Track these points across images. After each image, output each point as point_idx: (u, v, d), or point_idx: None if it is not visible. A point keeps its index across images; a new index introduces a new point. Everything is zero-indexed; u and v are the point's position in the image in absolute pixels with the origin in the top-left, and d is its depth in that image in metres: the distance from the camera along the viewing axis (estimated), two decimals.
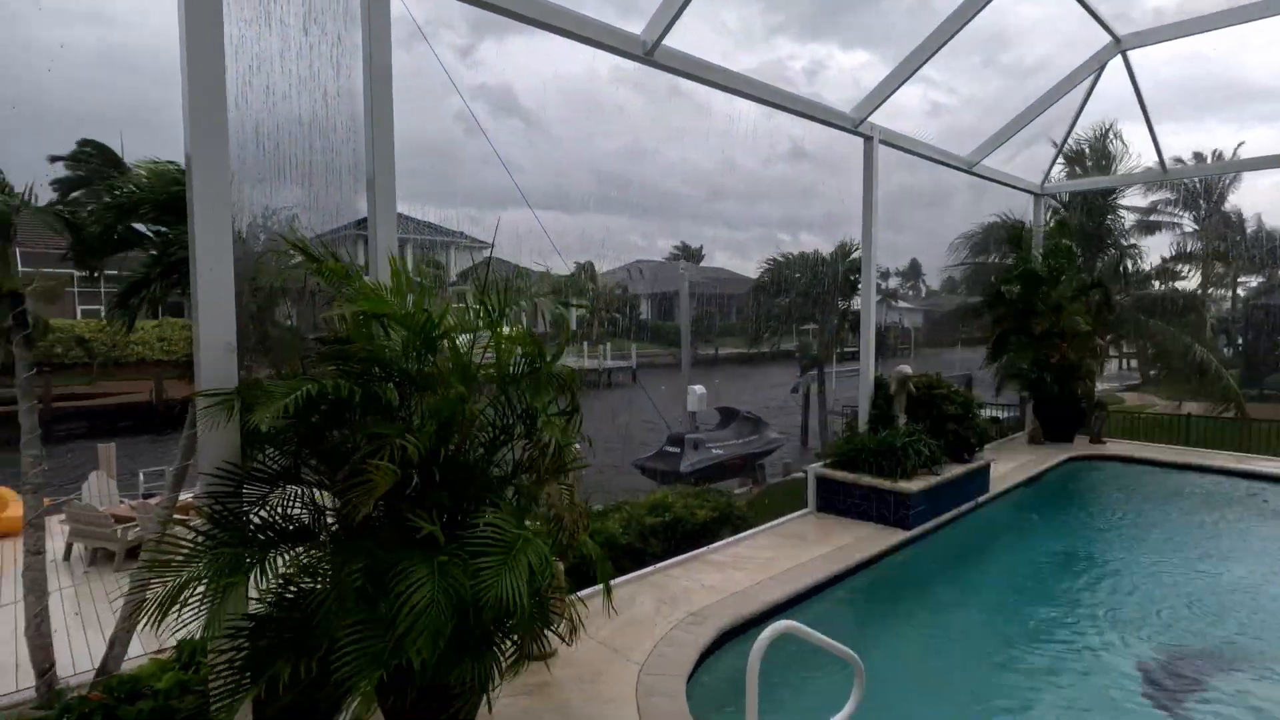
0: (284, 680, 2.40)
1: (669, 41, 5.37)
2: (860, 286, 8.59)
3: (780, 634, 3.29)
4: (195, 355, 2.64)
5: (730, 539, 6.71)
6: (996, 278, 12.03)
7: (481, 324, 3.19)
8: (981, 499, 7.95)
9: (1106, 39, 9.03)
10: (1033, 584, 6.39)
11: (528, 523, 3.11)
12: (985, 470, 8.06)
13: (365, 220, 4.15)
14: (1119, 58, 9.34)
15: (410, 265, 4.23)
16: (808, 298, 20.12)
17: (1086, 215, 17.22)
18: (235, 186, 2.68)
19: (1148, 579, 6.44)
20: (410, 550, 2.61)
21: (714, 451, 15.84)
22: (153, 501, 11.38)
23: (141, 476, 13.42)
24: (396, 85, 3.78)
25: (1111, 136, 17.16)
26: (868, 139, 7.81)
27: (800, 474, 13.94)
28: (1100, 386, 15.09)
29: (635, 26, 5.34)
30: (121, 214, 6.57)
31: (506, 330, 3.15)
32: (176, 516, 9.68)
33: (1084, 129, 16.06)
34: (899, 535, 6.71)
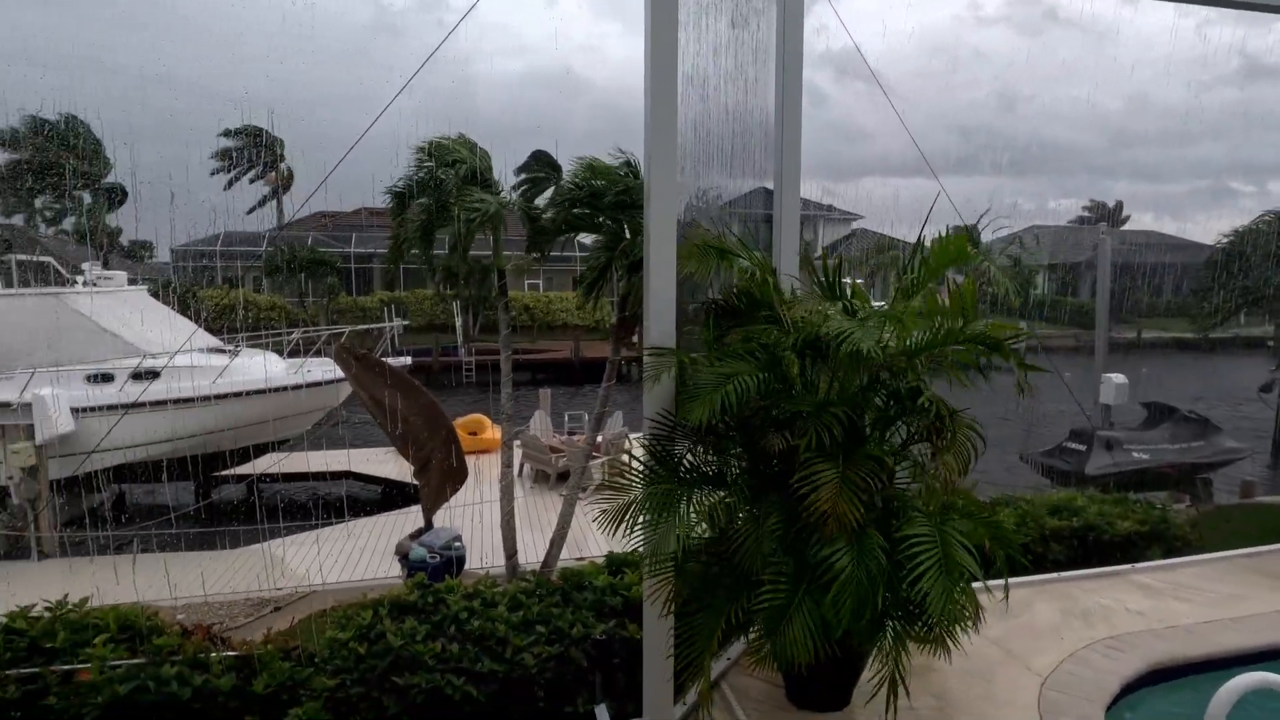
0: (730, 610, 2.81)
1: None
2: None
3: (1256, 688, 2.62)
4: (645, 319, 3.18)
5: (1164, 561, 5.50)
6: None
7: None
8: None
9: None
10: None
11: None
12: None
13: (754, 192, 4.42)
14: None
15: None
16: None
17: None
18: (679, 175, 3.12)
19: None
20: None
21: (1134, 455, 12.98)
22: (576, 439, 14.07)
23: (566, 418, 16.61)
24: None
25: None
26: None
27: (1272, 498, 10.62)
28: None
29: None
30: (566, 206, 8.17)
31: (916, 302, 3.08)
32: (593, 453, 11.69)
33: None
34: None
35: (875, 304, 3.60)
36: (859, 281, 3.77)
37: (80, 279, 13.45)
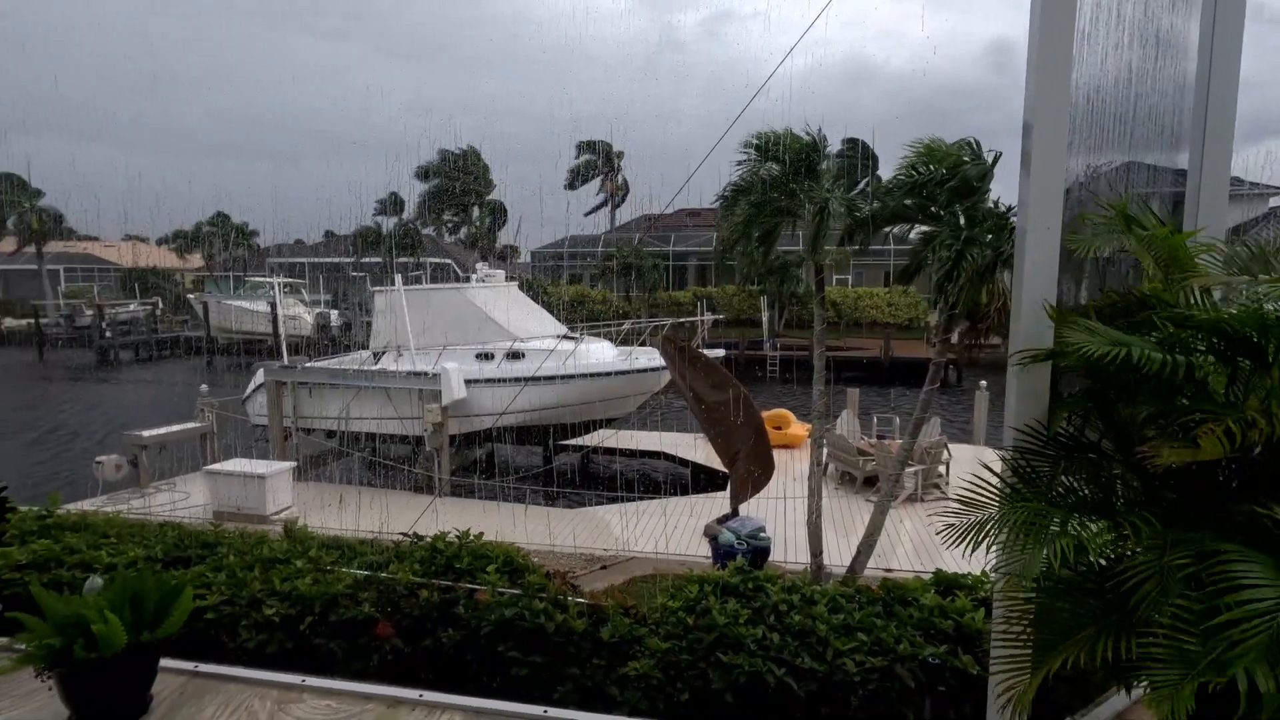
0: (1094, 651, 2.37)
1: None
2: None
3: None
4: (1014, 313, 2.82)
5: None
6: None
7: None
8: None
9: None
10: None
11: None
12: None
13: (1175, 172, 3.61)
14: None
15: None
16: None
17: None
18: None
19: None
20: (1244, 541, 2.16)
21: None
22: (888, 443, 13.27)
23: (875, 420, 15.80)
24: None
25: None
26: None
27: None
28: None
29: None
30: (896, 196, 7.69)
31: None
32: (909, 461, 10.90)
33: None
34: None
35: None
36: None
37: (473, 277, 16.92)
